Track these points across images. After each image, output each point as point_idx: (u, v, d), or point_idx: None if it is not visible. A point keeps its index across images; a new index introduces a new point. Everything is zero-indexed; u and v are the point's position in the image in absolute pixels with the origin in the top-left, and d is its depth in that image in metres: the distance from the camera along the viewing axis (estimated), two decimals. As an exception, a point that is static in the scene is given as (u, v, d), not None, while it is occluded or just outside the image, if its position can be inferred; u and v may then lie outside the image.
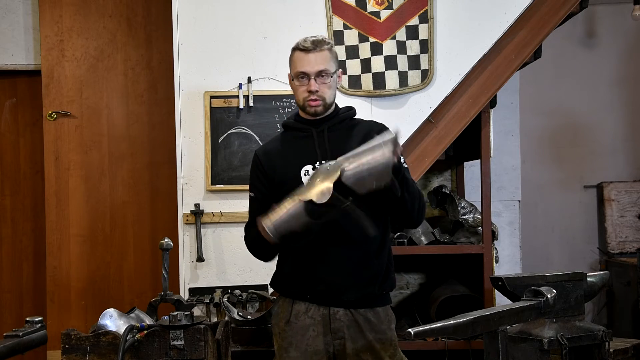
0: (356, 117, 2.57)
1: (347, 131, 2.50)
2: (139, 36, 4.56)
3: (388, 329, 2.47)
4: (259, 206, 2.46)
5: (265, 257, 2.53)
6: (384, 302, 2.49)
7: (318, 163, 2.41)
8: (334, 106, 2.52)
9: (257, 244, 2.44)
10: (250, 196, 2.54)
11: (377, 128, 2.46)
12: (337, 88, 3.79)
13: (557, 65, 5.57)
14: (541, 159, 5.65)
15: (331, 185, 2.13)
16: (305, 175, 2.42)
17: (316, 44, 2.43)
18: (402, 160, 2.30)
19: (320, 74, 2.42)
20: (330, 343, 2.42)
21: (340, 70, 2.53)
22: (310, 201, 2.14)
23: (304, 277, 2.43)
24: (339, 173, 2.13)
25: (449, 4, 3.90)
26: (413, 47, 3.88)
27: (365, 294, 2.42)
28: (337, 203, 2.16)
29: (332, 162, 2.19)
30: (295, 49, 2.49)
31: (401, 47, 3.88)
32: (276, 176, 2.46)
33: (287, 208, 2.19)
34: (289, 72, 2.53)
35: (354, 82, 3.86)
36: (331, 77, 2.44)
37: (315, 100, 2.43)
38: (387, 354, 2.43)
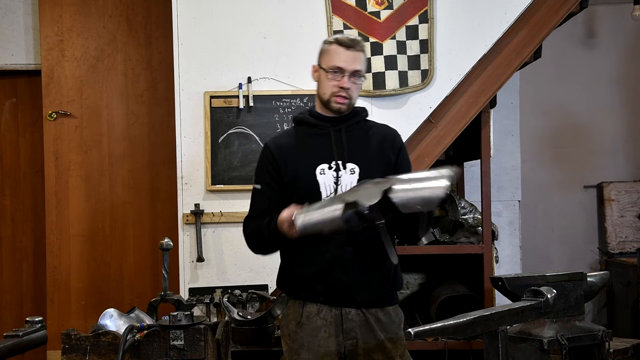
0: (368, 118, 2.57)
1: (364, 133, 2.49)
2: (139, 36, 4.56)
3: (398, 329, 2.47)
4: (264, 199, 2.45)
5: (265, 251, 2.52)
6: (393, 302, 2.49)
7: (334, 162, 2.40)
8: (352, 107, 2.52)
9: (259, 238, 2.44)
10: (254, 188, 2.50)
11: (391, 137, 2.51)
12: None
13: (557, 65, 5.57)
14: (541, 159, 5.65)
15: (380, 193, 2.12)
16: (321, 174, 2.40)
17: (356, 43, 2.43)
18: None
19: (355, 73, 2.41)
20: (341, 344, 2.41)
21: (366, 76, 2.54)
22: (352, 205, 2.13)
23: (316, 279, 2.40)
24: (389, 186, 2.13)
25: (449, 4, 3.90)
26: (413, 47, 3.89)
27: (378, 294, 2.42)
28: (372, 219, 2.16)
29: (380, 179, 2.21)
30: (334, 42, 2.44)
31: (401, 47, 3.88)
32: (288, 172, 2.43)
33: (324, 211, 2.18)
34: (315, 63, 2.49)
35: (354, 82, 3.86)
36: (362, 79, 2.45)
37: (344, 98, 2.41)
38: (397, 354, 2.43)
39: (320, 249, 2.37)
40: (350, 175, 2.40)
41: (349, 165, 2.41)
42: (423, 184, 2.16)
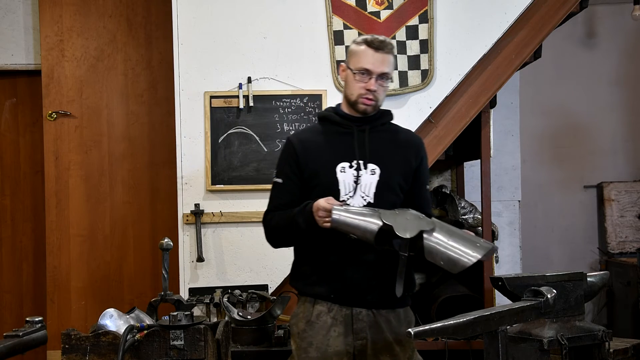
0: (393, 121, 2.58)
1: (388, 135, 2.50)
2: (139, 36, 4.56)
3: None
4: (285, 194, 2.45)
5: (282, 244, 2.53)
6: (404, 304, 2.49)
7: (355, 162, 2.41)
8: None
9: (280, 232, 2.45)
10: (275, 182, 2.50)
11: (416, 144, 2.53)
12: (337, 87, 3.81)
13: (557, 65, 5.57)
14: (541, 159, 5.65)
15: (416, 232, 2.19)
16: (341, 172, 2.41)
17: (385, 45, 2.42)
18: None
19: (382, 75, 2.41)
20: (351, 344, 2.41)
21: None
22: (388, 228, 2.20)
23: (328, 278, 2.41)
24: (430, 228, 2.20)
25: (449, 4, 3.90)
26: (413, 47, 3.89)
27: (389, 295, 2.41)
28: (398, 247, 2.24)
29: (425, 217, 2.26)
30: (363, 43, 2.43)
31: (401, 47, 3.88)
32: (309, 167, 2.44)
33: (361, 219, 2.24)
34: (343, 62, 2.50)
35: (354, 82, 3.86)
36: (389, 81, 2.45)
37: (371, 100, 2.41)
38: (405, 356, 2.43)
39: (334, 248, 2.37)
40: (370, 176, 2.40)
41: (370, 166, 2.42)
42: (460, 244, 2.20)
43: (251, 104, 3.88)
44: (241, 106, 3.87)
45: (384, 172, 2.41)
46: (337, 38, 3.86)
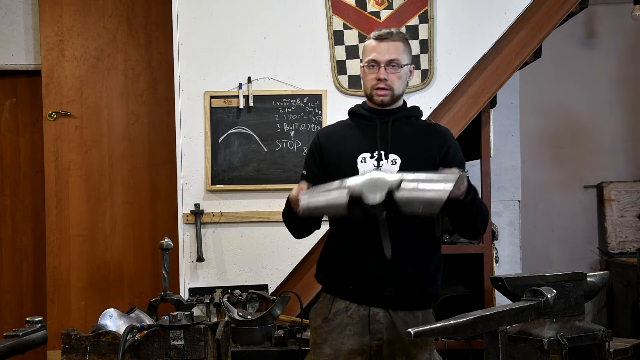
0: (422, 118, 2.57)
1: (412, 127, 2.49)
2: (139, 36, 4.56)
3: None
4: (306, 185, 2.46)
5: (295, 231, 2.54)
6: (424, 306, 2.47)
7: (377, 152, 2.41)
8: (402, 101, 2.51)
9: (290, 218, 2.45)
10: (302, 173, 2.54)
11: (442, 135, 2.50)
12: (337, 87, 3.79)
13: (557, 65, 5.57)
14: (541, 159, 5.65)
15: (384, 195, 2.14)
16: (361, 162, 2.41)
17: (391, 34, 2.43)
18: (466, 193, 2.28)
19: (390, 63, 2.41)
20: (367, 344, 2.40)
21: (413, 65, 2.52)
22: (356, 197, 2.15)
23: (347, 270, 2.41)
24: (395, 184, 2.14)
25: (449, 4, 3.90)
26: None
27: (407, 293, 2.40)
28: (374, 211, 2.18)
29: (393, 172, 2.21)
30: (370, 38, 2.47)
31: (401, 47, 3.87)
32: (332, 159, 2.46)
33: (329, 197, 2.21)
34: (360, 63, 2.51)
35: (354, 82, 3.86)
36: (402, 67, 2.43)
37: (384, 89, 2.42)
38: (422, 359, 2.41)
39: (355, 242, 2.37)
40: (391, 166, 2.40)
41: (391, 156, 2.41)
42: (429, 185, 2.15)
43: (251, 104, 3.88)
44: (241, 106, 3.87)
45: (405, 163, 2.40)
46: (337, 38, 3.86)
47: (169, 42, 4.02)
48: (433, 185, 2.14)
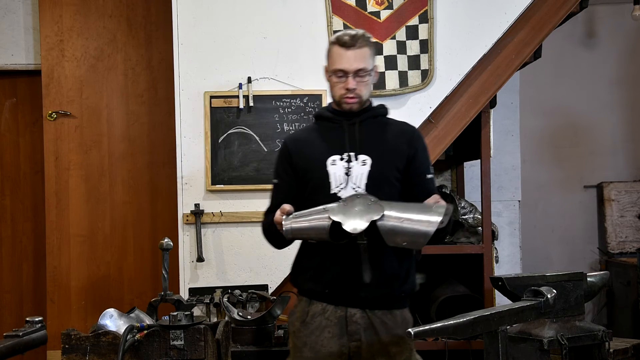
0: (389, 116, 2.56)
1: (379, 127, 2.48)
2: (139, 36, 4.55)
3: (404, 332, 2.39)
4: (280, 194, 2.47)
5: (276, 245, 2.54)
6: (401, 305, 2.46)
7: (346, 154, 2.40)
8: (369, 101, 2.50)
9: (271, 232, 2.45)
10: (273, 182, 2.53)
11: (409, 133, 2.49)
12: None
13: (557, 65, 5.57)
14: (541, 159, 5.64)
15: (367, 224, 2.14)
16: (332, 164, 2.40)
17: (356, 40, 2.39)
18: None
19: (358, 72, 2.39)
20: (346, 345, 2.39)
21: (376, 65, 2.50)
22: (336, 224, 2.17)
23: (324, 272, 2.41)
24: (379, 216, 2.15)
25: (449, 4, 3.90)
26: (413, 47, 3.89)
27: (383, 293, 2.40)
28: (355, 239, 2.20)
29: (375, 200, 2.21)
30: (335, 43, 2.43)
31: (401, 47, 3.88)
32: (301, 163, 2.45)
33: (312, 221, 2.23)
34: (325, 64, 2.50)
35: (354, 82, 3.86)
36: (369, 75, 2.42)
37: (353, 97, 2.41)
38: (403, 358, 2.41)
39: (329, 246, 2.36)
40: (361, 167, 2.39)
41: (361, 157, 2.40)
42: (415, 217, 2.14)
43: (251, 104, 3.88)
44: (241, 106, 3.87)
45: (376, 162, 2.40)
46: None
47: (169, 42, 4.02)
48: (419, 217, 2.14)
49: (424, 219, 2.12)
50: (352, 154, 2.40)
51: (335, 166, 2.40)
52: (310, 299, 2.45)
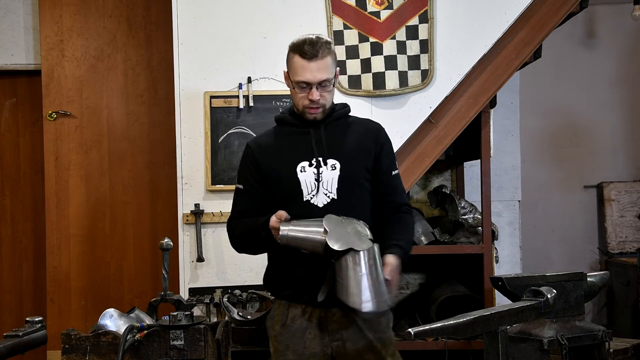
0: (351, 114, 2.54)
1: (345, 128, 2.47)
2: (139, 36, 4.56)
3: (387, 328, 2.44)
4: (247, 199, 2.46)
5: (253, 252, 2.54)
6: None
7: (315, 159, 2.39)
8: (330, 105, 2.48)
9: (246, 239, 2.45)
10: (237, 188, 2.51)
11: (375, 130, 2.48)
12: (337, 88, 3.78)
13: (557, 65, 5.57)
14: (541, 159, 5.64)
15: (344, 247, 2.16)
16: (301, 172, 2.39)
17: (317, 51, 2.34)
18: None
19: (322, 83, 2.36)
20: (327, 345, 2.39)
21: (338, 68, 2.47)
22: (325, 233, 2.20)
23: (301, 278, 2.40)
24: (358, 249, 2.17)
25: (449, 4, 3.90)
26: (413, 47, 3.88)
27: None
28: (332, 256, 2.22)
29: (367, 241, 2.21)
30: (295, 52, 2.38)
31: (401, 47, 3.88)
32: (270, 172, 2.43)
33: (309, 234, 2.23)
34: (285, 70, 2.46)
35: (354, 82, 3.86)
36: (332, 84, 2.40)
37: (316, 108, 2.39)
38: (388, 353, 2.41)
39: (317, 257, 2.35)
40: (331, 172, 2.39)
41: (330, 161, 2.39)
42: (364, 286, 2.18)
43: (251, 104, 3.88)
44: (241, 106, 3.87)
45: (345, 166, 2.39)
46: (337, 38, 3.86)
47: (169, 42, 4.02)
48: (364, 291, 2.17)
49: (363, 297, 2.17)
50: (320, 159, 2.39)
51: (305, 173, 2.38)
52: (288, 302, 2.44)
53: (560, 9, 3.92)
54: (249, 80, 3.88)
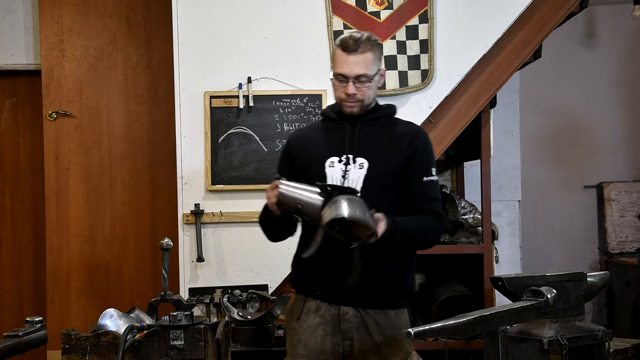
0: (396, 116, 2.52)
1: (383, 128, 2.45)
2: (139, 36, 4.55)
3: (398, 334, 2.39)
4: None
5: (270, 235, 2.53)
6: (397, 305, 2.43)
7: (345, 156, 2.39)
8: (374, 102, 2.46)
9: (265, 220, 2.46)
10: (275, 177, 2.50)
11: (413, 133, 2.44)
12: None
13: (557, 65, 5.57)
14: (541, 159, 5.65)
15: (365, 220, 2.13)
16: (329, 166, 2.39)
17: (358, 45, 2.34)
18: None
19: (359, 78, 2.35)
20: (339, 344, 2.39)
21: (383, 68, 2.46)
22: (323, 195, 2.18)
23: (316, 273, 2.40)
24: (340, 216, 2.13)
25: (449, 4, 3.90)
26: (413, 47, 3.89)
27: (376, 294, 2.38)
28: (348, 239, 2.19)
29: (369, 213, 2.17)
30: (339, 46, 2.39)
31: (401, 47, 3.88)
32: (302, 164, 2.45)
33: (306, 193, 2.22)
34: (330, 64, 2.46)
35: (354, 82, 3.86)
36: (371, 80, 2.37)
37: (352, 102, 2.38)
38: (397, 358, 2.39)
39: (324, 245, 2.32)
40: (358, 170, 2.37)
41: (359, 160, 2.38)
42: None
43: (251, 104, 3.88)
44: (241, 106, 3.87)
45: (373, 166, 2.37)
46: (337, 38, 3.85)
47: (169, 42, 4.02)
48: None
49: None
50: (350, 156, 2.39)
51: (333, 168, 2.39)
52: (305, 297, 2.45)
53: (560, 9, 3.92)
54: (249, 80, 3.88)
